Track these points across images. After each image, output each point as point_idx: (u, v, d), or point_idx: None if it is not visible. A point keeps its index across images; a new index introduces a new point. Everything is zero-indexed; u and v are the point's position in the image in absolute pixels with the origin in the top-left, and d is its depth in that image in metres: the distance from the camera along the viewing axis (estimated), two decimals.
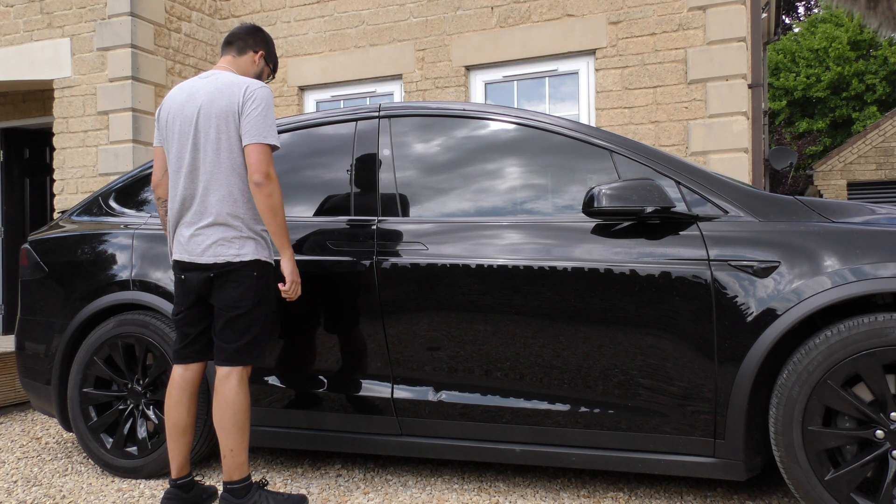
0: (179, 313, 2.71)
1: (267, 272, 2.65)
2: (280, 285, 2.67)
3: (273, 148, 2.59)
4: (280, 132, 3.21)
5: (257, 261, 2.62)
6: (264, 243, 2.66)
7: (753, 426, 2.49)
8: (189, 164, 2.60)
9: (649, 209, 2.51)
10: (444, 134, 3.01)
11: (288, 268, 2.65)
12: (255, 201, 2.56)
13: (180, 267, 2.66)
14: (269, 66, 2.91)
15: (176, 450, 2.69)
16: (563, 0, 5.72)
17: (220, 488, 2.87)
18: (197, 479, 2.81)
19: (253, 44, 2.83)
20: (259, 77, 2.85)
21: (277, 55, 2.99)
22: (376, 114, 3.09)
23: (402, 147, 3.03)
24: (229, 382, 2.59)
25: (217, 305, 2.63)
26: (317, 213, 3.06)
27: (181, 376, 2.70)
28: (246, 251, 2.59)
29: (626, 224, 2.63)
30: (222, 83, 2.61)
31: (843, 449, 2.36)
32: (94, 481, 3.19)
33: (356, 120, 3.11)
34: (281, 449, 3.57)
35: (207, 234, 2.58)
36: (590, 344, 2.61)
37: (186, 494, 2.70)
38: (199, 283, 2.62)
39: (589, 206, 2.57)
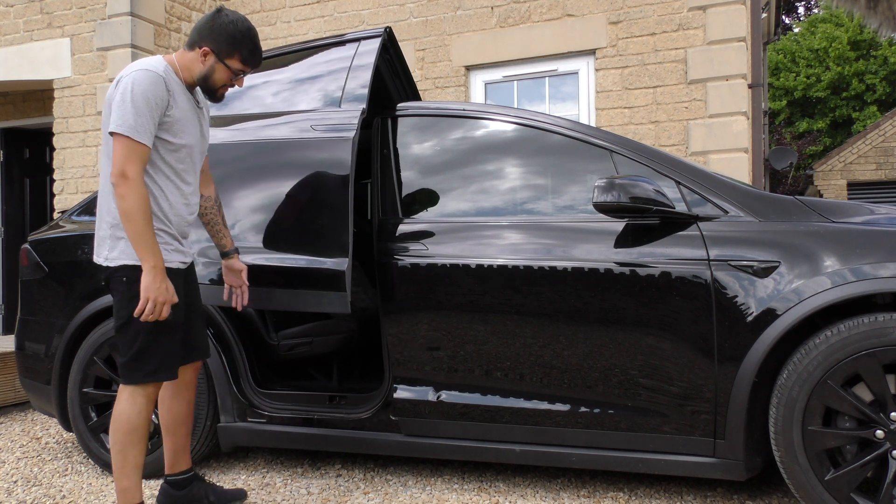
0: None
1: (139, 276, 2.24)
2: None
3: (139, 145, 2.20)
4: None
5: (124, 266, 2.27)
6: None
7: (753, 426, 2.49)
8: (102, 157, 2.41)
9: (653, 209, 2.50)
10: (443, 134, 3.01)
11: (144, 282, 2.20)
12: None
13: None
14: (227, 66, 2.37)
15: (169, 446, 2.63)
16: (563, 0, 5.72)
17: (228, 485, 2.86)
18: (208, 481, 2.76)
19: (199, 38, 2.35)
20: (208, 78, 2.39)
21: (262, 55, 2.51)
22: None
23: (403, 147, 3.03)
24: (120, 400, 2.33)
25: None
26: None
27: (173, 382, 2.58)
28: (115, 254, 2.29)
29: (626, 224, 2.63)
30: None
31: (843, 449, 2.36)
32: (94, 481, 3.19)
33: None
34: (281, 449, 3.57)
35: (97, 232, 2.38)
36: (590, 344, 2.61)
37: (179, 492, 2.67)
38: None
39: (607, 192, 2.47)
